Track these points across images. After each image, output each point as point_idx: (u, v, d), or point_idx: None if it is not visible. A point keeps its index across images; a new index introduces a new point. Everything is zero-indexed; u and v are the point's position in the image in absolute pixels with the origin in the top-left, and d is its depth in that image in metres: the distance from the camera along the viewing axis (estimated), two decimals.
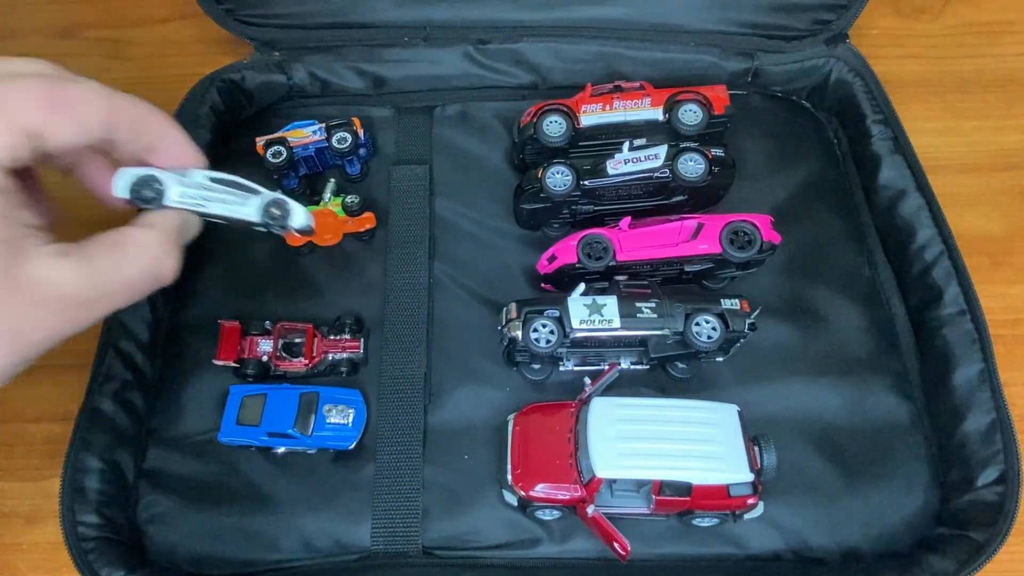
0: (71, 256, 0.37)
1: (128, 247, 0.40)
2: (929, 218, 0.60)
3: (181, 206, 0.44)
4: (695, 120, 0.62)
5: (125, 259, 0.40)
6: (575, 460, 0.50)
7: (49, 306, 0.36)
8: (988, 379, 0.53)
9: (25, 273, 0.35)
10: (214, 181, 0.45)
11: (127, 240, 0.40)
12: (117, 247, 0.40)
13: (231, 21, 0.69)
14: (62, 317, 0.37)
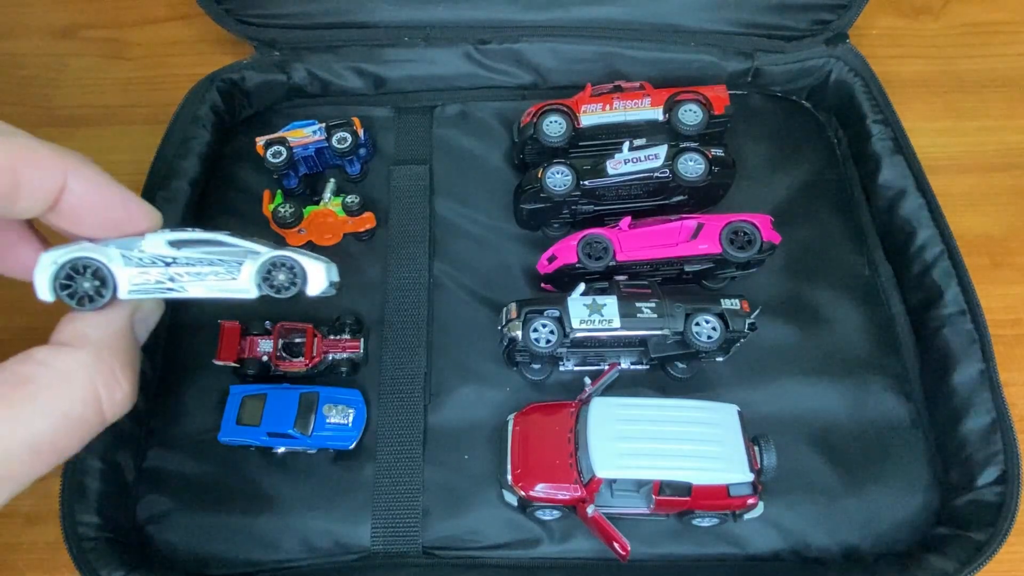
0: None
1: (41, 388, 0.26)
2: (929, 218, 0.60)
3: (139, 296, 0.30)
4: (695, 120, 0.62)
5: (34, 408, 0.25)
6: (575, 460, 0.50)
7: None
8: (988, 379, 0.53)
9: None
10: (176, 245, 0.30)
11: (40, 375, 0.26)
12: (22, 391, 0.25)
13: (231, 21, 0.69)
14: None
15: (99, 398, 0.27)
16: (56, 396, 0.26)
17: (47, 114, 0.74)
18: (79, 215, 0.27)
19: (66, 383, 0.26)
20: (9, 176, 0.24)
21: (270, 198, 0.63)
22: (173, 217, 0.61)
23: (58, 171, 0.26)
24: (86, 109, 0.74)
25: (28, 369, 0.26)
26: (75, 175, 0.26)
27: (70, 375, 0.26)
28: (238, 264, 0.30)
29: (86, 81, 0.76)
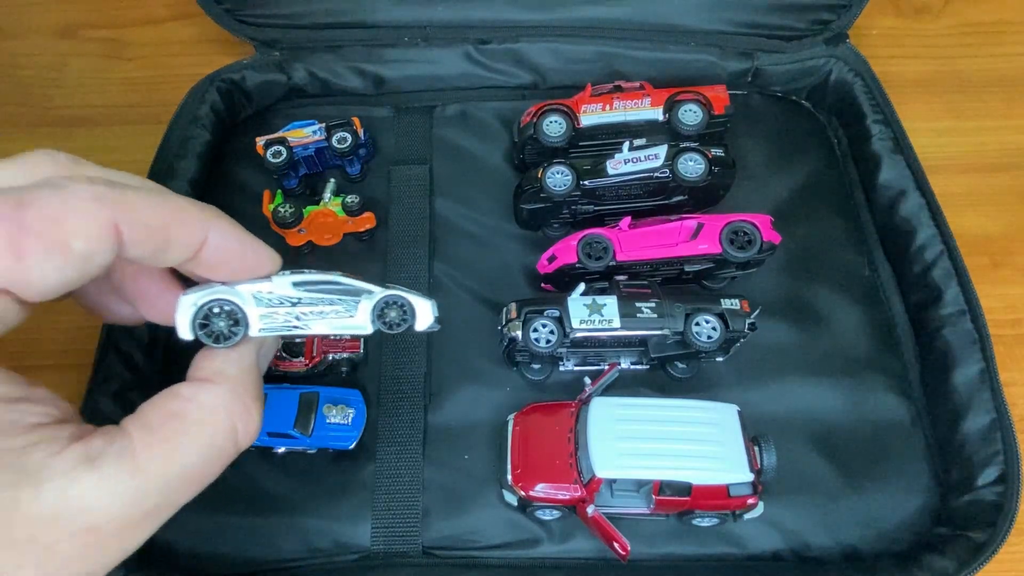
0: (103, 463, 0.24)
1: (191, 422, 0.28)
2: (929, 218, 0.60)
3: (268, 334, 0.32)
4: (695, 120, 0.62)
5: (186, 441, 0.27)
6: (575, 460, 0.50)
7: (76, 546, 0.24)
8: (988, 379, 0.53)
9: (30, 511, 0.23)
10: (299, 286, 0.33)
11: (189, 412, 0.28)
12: (173, 425, 0.27)
13: (231, 21, 0.69)
14: (99, 554, 0.25)
15: (236, 429, 0.29)
16: (203, 429, 0.28)
17: (47, 114, 0.74)
18: (215, 263, 0.30)
19: (211, 416, 0.28)
20: (163, 234, 0.27)
21: (270, 198, 0.63)
22: None
23: (202, 227, 0.29)
24: (86, 109, 0.74)
25: (177, 405, 0.28)
26: (215, 229, 0.29)
27: (214, 409, 0.28)
28: (355, 303, 0.34)
29: (86, 81, 0.76)
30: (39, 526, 0.23)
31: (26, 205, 0.24)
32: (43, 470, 0.23)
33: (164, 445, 0.26)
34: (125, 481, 0.25)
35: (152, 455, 0.26)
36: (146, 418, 0.27)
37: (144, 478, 0.25)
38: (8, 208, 0.23)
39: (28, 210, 0.24)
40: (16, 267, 0.24)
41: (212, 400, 0.29)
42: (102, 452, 0.25)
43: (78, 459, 0.24)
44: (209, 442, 0.28)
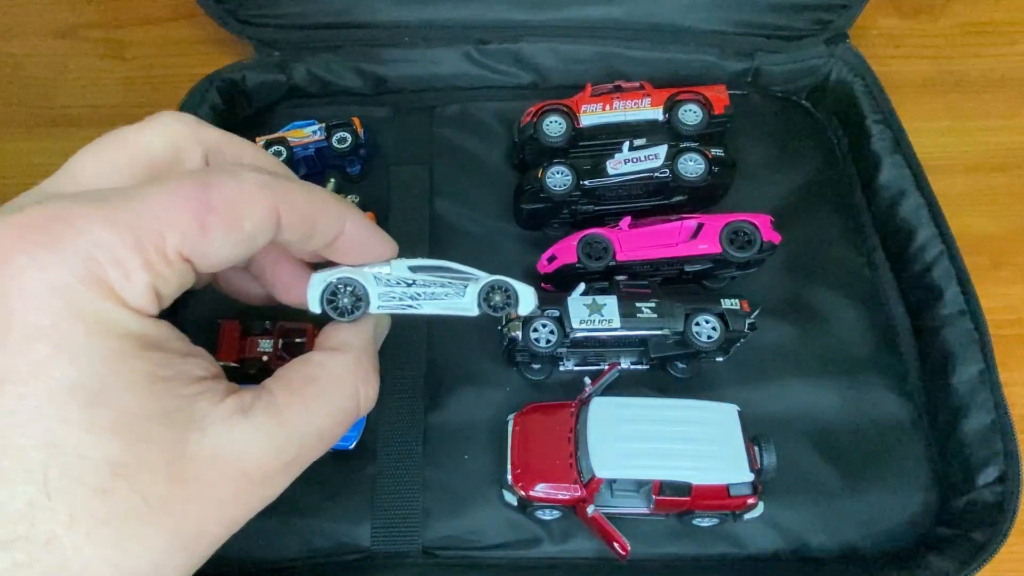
0: (254, 415, 0.28)
1: (324, 385, 0.31)
2: (929, 218, 0.60)
3: (386, 311, 0.35)
4: (695, 120, 0.62)
5: (320, 402, 0.30)
6: (575, 460, 0.50)
7: (231, 489, 0.27)
8: (988, 379, 0.53)
9: (198, 452, 0.26)
10: (414, 270, 0.36)
11: (321, 375, 0.31)
12: (310, 388, 0.31)
13: (231, 21, 0.69)
14: (248, 499, 0.28)
15: (359, 394, 0.32)
16: (333, 392, 0.31)
17: (47, 114, 0.74)
18: (347, 249, 0.34)
19: (340, 381, 0.32)
20: (311, 221, 0.30)
21: None
22: None
23: (341, 217, 0.32)
24: (86, 109, 0.74)
25: (311, 370, 0.31)
26: (351, 219, 0.33)
27: (342, 375, 0.32)
28: (463, 286, 0.37)
29: (86, 81, 0.76)
30: (202, 466, 0.26)
31: (211, 187, 0.27)
32: (206, 416, 0.26)
33: (303, 403, 0.30)
34: (272, 431, 0.28)
35: (293, 411, 0.29)
36: (286, 379, 0.30)
37: (287, 430, 0.29)
38: (196, 189, 0.27)
39: (212, 192, 0.27)
40: (200, 240, 0.27)
41: (340, 367, 0.32)
42: (252, 405, 0.28)
43: (234, 409, 0.27)
44: (339, 404, 0.31)
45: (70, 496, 0.23)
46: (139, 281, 0.25)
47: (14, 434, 0.23)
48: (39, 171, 0.79)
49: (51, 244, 0.24)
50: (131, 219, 0.25)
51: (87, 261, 0.24)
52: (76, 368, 0.23)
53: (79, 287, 0.24)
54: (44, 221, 0.24)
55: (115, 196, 0.26)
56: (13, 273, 0.23)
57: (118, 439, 0.24)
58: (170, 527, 0.25)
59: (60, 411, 0.23)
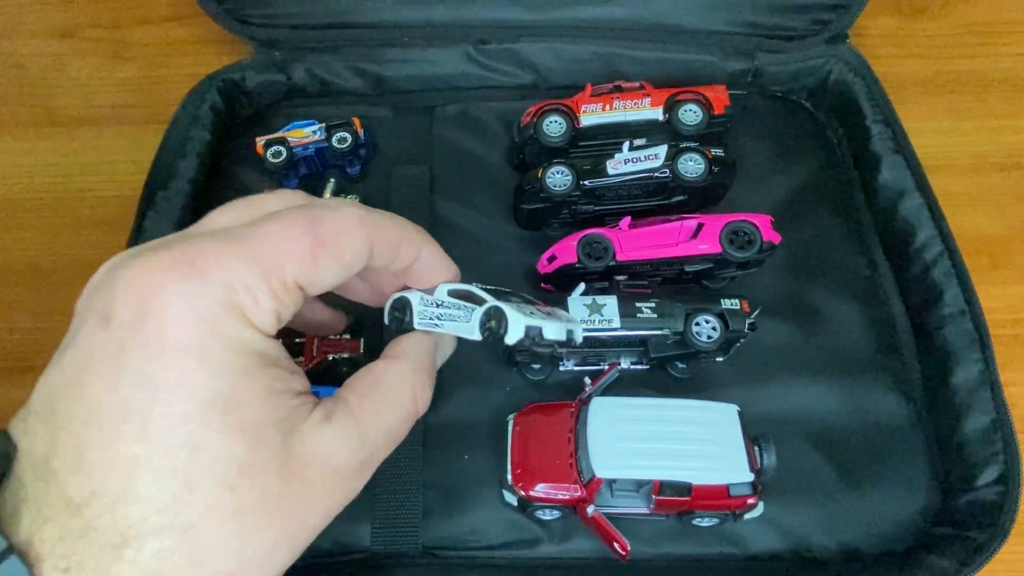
0: (336, 419, 0.32)
1: (386, 389, 0.35)
2: (929, 218, 0.60)
3: (423, 328, 0.39)
4: (695, 120, 0.62)
5: (385, 404, 0.35)
6: (575, 460, 0.50)
7: (325, 485, 0.31)
8: (988, 379, 0.53)
9: (299, 453, 0.30)
10: (452, 295, 0.39)
11: (384, 381, 0.36)
12: (375, 391, 0.35)
13: (231, 21, 0.69)
14: (338, 494, 0.32)
15: (416, 397, 0.36)
16: (394, 394, 0.35)
17: (47, 114, 0.74)
18: (420, 273, 0.39)
19: (399, 384, 0.36)
20: (396, 249, 0.36)
21: None
22: (172, 216, 0.61)
23: (419, 246, 0.38)
24: (86, 109, 0.74)
25: (375, 377, 0.36)
26: (427, 248, 0.38)
27: (401, 380, 0.36)
28: (471, 311, 0.39)
29: (86, 81, 0.76)
30: (303, 466, 0.30)
31: (318, 223, 0.31)
32: (304, 423, 0.30)
33: (371, 406, 0.34)
34: (351, 432, 0.32)
35: (364, 413, 0.33)
36: (355, 386, 0.35)
37: (362, 431, 0.33)
38: (307, 226, 0.31)
39: (319, 227, 0.31)
40: (312, 270, 0.31)
41: (399, 372, 0.36)
42: (334, 411, 0.32)
43: (321, 417, 0.31)
44: (400, 404, 0.35)
45: (205, 491, 0.26)
46: (266, 307, 0.29)
47: (165, 436, 0.26)
48: (39, 171, 0.79)
49: (197, 276, 0.28)
50: (258, 254, 0.29)
51: (226, 290, 0.28)
52: (216, 380, 0.27)
53: (220, 311, 0.28)
54: (191, 256, 0.28)
55: (242, 233, 0.30)
56: (167, 300, 0.27)
57: (244, 442, 0.28)
58: (281, 519, 0.29)
59: (202, 416, 0.27)
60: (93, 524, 0.25)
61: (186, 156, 0.63)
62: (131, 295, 0.27)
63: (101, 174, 0.70)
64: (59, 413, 0.27)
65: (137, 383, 0.26)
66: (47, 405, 0.27)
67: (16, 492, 0.26)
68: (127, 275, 0.28)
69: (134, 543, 0.25)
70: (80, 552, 0.24)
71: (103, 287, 0.29)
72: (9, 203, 0.69)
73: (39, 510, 0.25)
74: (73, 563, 0.24)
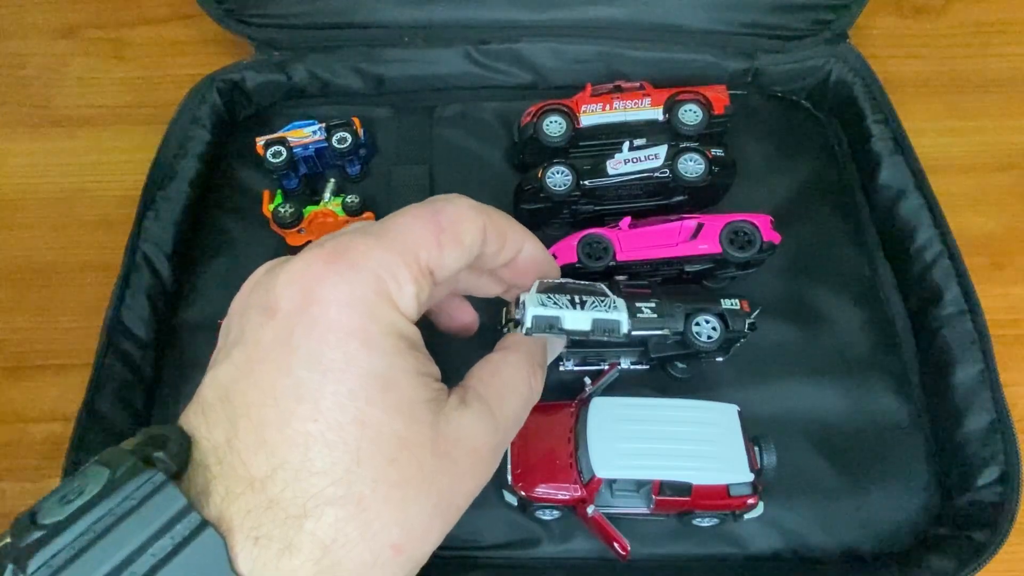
0: (471, 404, 0.34)
1: (506, 376, 0.38)
2: (929, 218, 0.60)
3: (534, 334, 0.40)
4: (695, 120, 0.62)
5: (507, 390, 0.37)
6: (575, 460, 0.50)
7: (468, 464, 0.33)
8: (988, 379, 0.53)
9: (446, 432, 0.32)
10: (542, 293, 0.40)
11: (502, 369, 0.38)
12: (497, 379, 0.37)
13: (231, 21, 0.69)
14: (480, 473, 0.34)
15: (531, 386, 0.39)
16: (514, 381, 0.38)
17: (47, 114, 0.74)
18: (524, 268, 0.40)
19: (516, 372, 0.38)
20: (503, 238, 0.38)
21: (270, 198, 0.63)
22: (172, 216, 0.61)
23: (523, 237, 0.40)
24: (86, 109, 0.74)
25: (494, 366, 0.38)
26: (529, 241, 0.40)
27: (517, 367, 0.39)
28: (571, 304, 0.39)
29: (86, 81, 0.76)
30: (449, 445, 0.32)
31: (439, 213, 0.34)
32: (444, 407, 0.32)
33: (497, 393, 0.36)
34: (487, 416, 0.34)
35: (493, 399, 0.35)
36: (479, 375, 0.37)
37: (495, 416, 0.35)
38: (430, 214, 0.34)
39: (440, 216, 0.34)
40: (439, 254, 0.33)
41: (515, 360, 0.39)
42: (467, 397, 0.34)
43: (458, 401, 0.33)
44: (520, 390, 0.38)
45: (373, 464, 0.28)
46: (408, 292, 0.31)
47: (336, 412, 0.28)
48: (39, 171, 0.79)
49: (352, 266, 0.30)
50: (396, 244, 0.32)
51: (376, 278, 0.30)
52: (377, 360, 0.29)
53: (373, 297, 0.30)
54: (341, 250, 0.31)
55: (379, 229, 0.33)
56: (328, 289, 0.30)
57: (401, 419, 0.29)
58: (436, 493, 0.30)
59: (367, 393, 0.29)
60: (276, 498, 0.26)
61: (186, 156, 0.63)
62: (294, 288, 0.30)
63: (101, 174, 0.70)
64: (236, 402, 0.28)
65: (309, 365, 0.28)
66: (222, 398, 0.29)
67: (202, 475, 0.27)
68: (287, 271, 0.31)
69: (314, 513, 0.26)
70: (267, 523, 0.26)
71: (261, 286, 0.32)
72: (9, 203, 0.69)
73: (227, 488, 0.27)
74: (262, 534, 0.26)
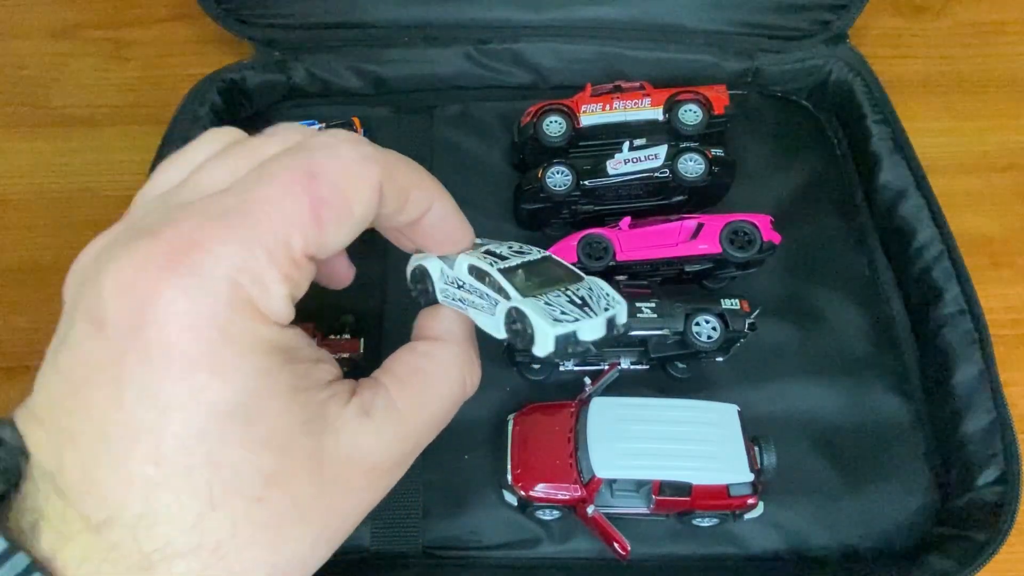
0: (375, 413, 0.29)
1: (432, 376, 0.32)
2: (929, 218, 0.60)
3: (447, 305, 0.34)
4: (695, 120, 0.62)
5: (430, 392, 0.32)
6: (575, 460, 0.50)
7: (362, 483, 0.29)
8: (988, 379, 0.53)
9: (333, 454, 0.27)
10: (471, 272, 0.33)
11: (427, 367, 0.32)
12: (418, 378, 0.32)
13: (231, 21, 0.69)
14: (376, 490, 0.30)
15: (465, 381, 0.34)
16: (441, 381, 0.33)
17: (47, 114, 0.74)
18: (430, 231, 0.33)
19: (446, 370, 0.33)
20: (406, 195, 0.30)
21: None
22: None
23: (431, 194, 0.32)
24: (86, 109, 0.74)
25: (417, 361, 0.33)
26: (438, 199, 0.32)
27: (450, 364, 0.33)
28: (495, 303, 0.33)
29: (86, 81, 0.76)
30: (339, 466, 0.27)
31: (317, 177, 0.26)
32: (337, 419, 0.28)
33: (414, 396, 0.31)
34: (394, 427, 0.30)
35: (408, 405, 0.30)
36: (395, 373, 0.31)
37: (405, 425, 0.30)
38: (305, 179, 0.26)
39: (320, 182, 0.26)
40: (318, 234, 0.27)
41: (447, 356, 0.33)
42: (373, 404, 0.29)
43: (358, 411, 0.29)
44: (447, 392, 0.33)
45: (231, 506, 0.24)
46: (278, 293, 0.26)
47: (182, 456, 0.24)
48: (39, 171, 0.79)
49: (195, 273, 0.24)
50: (259, 233, 0.25)
51: (231, 286, 0.25)
52: (232, 390, 0.25)
53: (227, 311, 0.25)
54: (184, 248, 0.24)
55: (236, 207, 0.26)
56: (166, 305, 0.24)
57: (270, 452, 0.25)
58: (316, 524, 0.27)
59: (220, 431, 0.24)
60: (116, 544, 0.23)
61: None
62: (124, 299, 0.24)
63: (101, 174, 0.70)
64: (62, 424, 0.24)
65: (143, 400, 0.24)
66: (48, 412, 0.25)
67: (33, 501, 0.24)
68: (116, 274, 0.24)
69: (161, 566, 0.23)
70: (106, 573, 0.23)
71: (90, 284, 0.25)
72: (9, 203, 0.69)
73: (59, 527, 0.23)
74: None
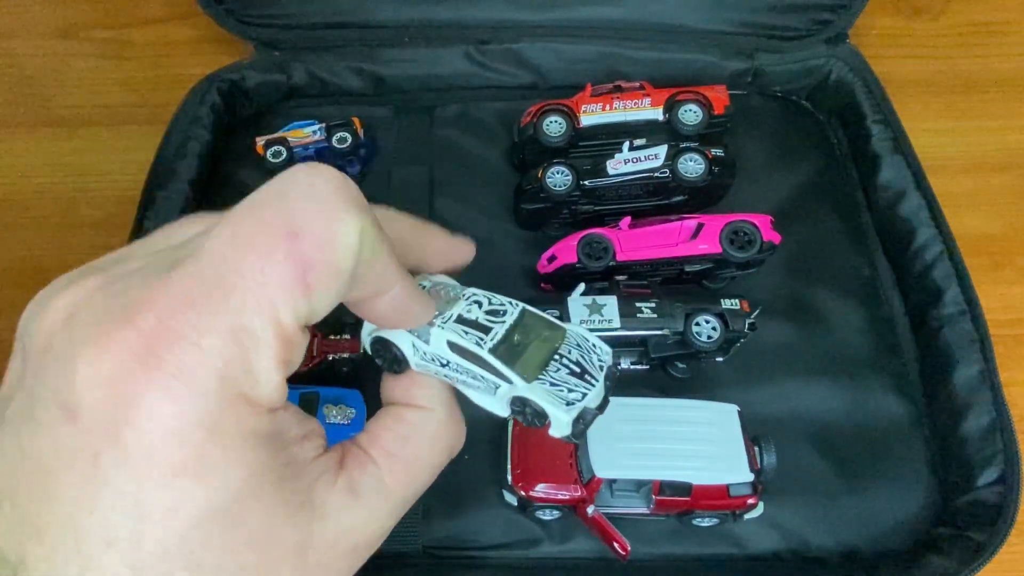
0: (363, 492, 0.28)
1: (419, 445, 0.32)
2: (929, 218, 0.60)
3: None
4: (695, 120, 0.62)
5: (419, 463, 0.31)
6: (575, 460, 0.50)
7: (346, 563, 0.28)
8: (988, 379, 0.53)
9: (319, 540, 0.26)
10: (453, 349, 0.33)
11: (414, 434, 0.32)
12: (407, 449, 0.31)
13: (231, 21, 0.69)
14: (356, 565, 0.29)
15: (452, 448, 0.33)
16: (430, 450, 0.32)
17: (47, 114, 0.74)
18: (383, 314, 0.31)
19: (434, 439, 0.32)
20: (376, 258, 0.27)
21: None
22: (172, 216, 0.61)
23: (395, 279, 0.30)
24: (86, 109, 0.74)
25: (405, 429, 0.32)
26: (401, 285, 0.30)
27: (438, 434, 0.32)
28: (495, 387, 0.34)
29: (86, 81, 0.76)
30: (324, 552, 0.27)
31: (300, 236, 0.23)
32: (324, 504, 0.27)
33: (404, 468, 0.30)
34: (381, 507, 0.29)
35: (398, 481, 0.30)
36: (383, 444, 0.30)
37: (393, 501, 0.30)
38: (286, 243, 0.23)
39: (304, 241, 0.23)
40: (307, 302, 0.24)
41: (436, 426, 0.32)
42: (361, 483, 0.28)
43: (346, 491, 0.28)
44: (437, 461, 0.32)
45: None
46: (271, 381, 0.24)
47: (160, 564, 0.23)
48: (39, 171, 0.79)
49: (181, 372, 0.22)
50: (248, 316, 0.23)
51: (220, 383, 0.22)
52: (217, 496, 0.23)
53: (216, 411, 0.22)
54: (166, 343, 0.22)
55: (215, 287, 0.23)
56: (149, 408, 0.22)
57: (253, 551, 0.24)
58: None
59: (203, 536, 0.23)
60: None
61: (186, 156, 0.63)
62: (100, 392, 0.22)
63: (101, 174, 0.70)
64: (28, 513, 0.22)
65: (120, 506, 0.22)
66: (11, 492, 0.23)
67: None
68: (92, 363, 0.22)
69: None
70: None
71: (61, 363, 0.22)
72: (9, 203, 0.69)
73: None
74: None
